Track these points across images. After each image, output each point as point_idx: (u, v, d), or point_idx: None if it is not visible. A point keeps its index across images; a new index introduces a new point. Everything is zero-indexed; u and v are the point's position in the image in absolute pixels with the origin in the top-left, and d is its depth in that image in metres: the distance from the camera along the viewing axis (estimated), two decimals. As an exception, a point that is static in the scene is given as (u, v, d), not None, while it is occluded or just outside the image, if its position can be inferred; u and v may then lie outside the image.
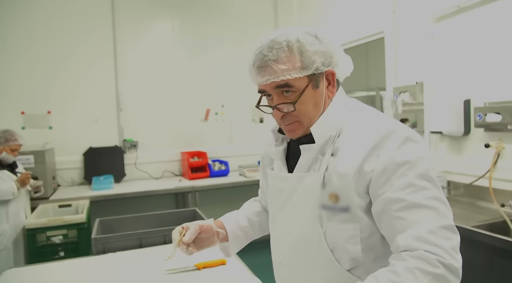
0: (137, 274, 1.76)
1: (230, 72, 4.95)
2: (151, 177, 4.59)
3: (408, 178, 0.91)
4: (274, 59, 0.98)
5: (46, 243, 3.07)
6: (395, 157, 0.93)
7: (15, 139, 3.06)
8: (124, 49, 4.51)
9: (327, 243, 1.01)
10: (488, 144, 2.47)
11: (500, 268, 1.96)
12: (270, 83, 1.01)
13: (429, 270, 0.82)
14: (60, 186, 4.22)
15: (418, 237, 0.86)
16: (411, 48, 3.14)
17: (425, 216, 0.88)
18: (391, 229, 0.93)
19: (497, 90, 2.47)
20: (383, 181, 0.93)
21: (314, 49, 1.00)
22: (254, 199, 1.48)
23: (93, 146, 4.37)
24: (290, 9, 4.98)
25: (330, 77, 1.05)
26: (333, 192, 0.99)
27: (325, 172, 1.01)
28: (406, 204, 0.90)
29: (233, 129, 5.05)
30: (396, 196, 0.91)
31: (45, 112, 4.23)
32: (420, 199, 0.89)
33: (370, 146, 0.95)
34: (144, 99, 4.60)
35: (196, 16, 4.83)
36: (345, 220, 0.98)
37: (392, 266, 0.87)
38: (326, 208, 1.01)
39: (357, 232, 0.98)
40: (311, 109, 1.03)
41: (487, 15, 2.51)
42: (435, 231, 0.86)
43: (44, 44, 4.18)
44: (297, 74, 0.98)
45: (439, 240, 0.85)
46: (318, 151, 1.04)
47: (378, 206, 0.94)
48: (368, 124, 1.01)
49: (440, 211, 0.89)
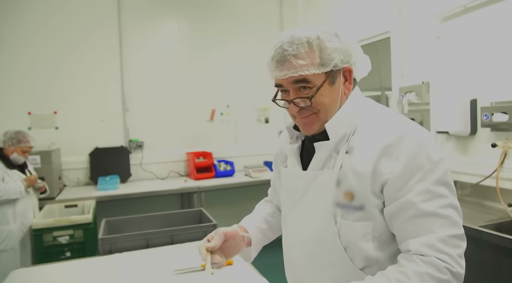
0: (144, 274, 1.76)
1: (236, 72, 4.96)
2: (156, 178, 4.61)
3: (425, 183, 0.93)
4: (293, 54, 1.00)
5: (53, 243, 3.08)
6: (414, 161, 0.94)
7: (27, 141, 3.09)
8: (130, 49, 4.53)
9: (340, 241, 1.02)
10: (495, 143, 2.46)
11: (508, 267, 1.94)
12: (288, 78, 1.02)
13: (437, 276, 0.88)
14: (66, 186, 4.24)
15: (429, 245, 0.90)
16: (417, 48, 3.13)
17: (437, 225, 0.92)
18: (403, 232, 0.96)
19: (504, 90, 2.46)
20: (400, 185, 0.94)
21: (334, 46, 1.01)
22: (266, 200, 1.48)
23: (99, 146, 4.39)
24: (295, 8, 4.97)
25: (347, 74, 1.06)
26: (348, 190, 1.00)
27: (340, 170, 1.02)
28: (421, 212, 0.93)
29: (239, 130, 5.05)
30: (412, 202, 0.93)
31: (51, 112, 4.25)
32: (434, 208, 0.92)
33: (387, 146, 0.96)
34: (149, 99, 4.62)
35: (201, 15, 4.84)
36: (359, 218, 1.00)
37: (402, 267, 0.92)
38: (341, 206, 1.01)
39: (370, 230, 1.00)
40: (327, 103, 1.04)
41: (493, 15, 2.49)
42: (445, 239, 0.91)
43: (49, 44, 4.20)
44: (316, 70, 1.00)
45: (448, 249, 0.90)
46: (332, 149, 1.05)
47: (393, 208, 0.96)
48: (384, 124, 1.01)
49: (452, 220, 0.93)
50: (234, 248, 1.21)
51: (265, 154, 5.05)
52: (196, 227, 2.24)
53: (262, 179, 4.37)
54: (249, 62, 5.01)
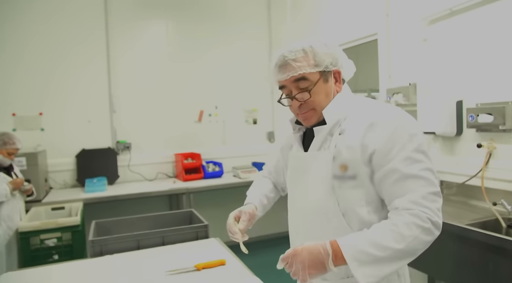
0: (136, 276, 1.75)
1: (224, 73, 4.97)
2: (144, 179, 4.58)
3: (406, 151, 1.17)
4: (292, 59, 1.24)
5: (40, 246, 3.04)
6: (395, 134, 1.17)
7: (13, 143, 3.03)
8: (117, 50, 4.49)
9: (339, 208, 1.25)
10: (480, 144, 2.51)
11: (493, 264, 1.99)
12: (290, 78, 1.26)
13: (421, 224, 1.11)
14: (52, 189, 4.18)
15: (413, 201, 1.14)
16: (404, 50, 3.18)
17: (419, 185, 1.15)
18: (390, 194, 1.19)
19: (489, 91, 2.52)
20: (385, 154, 1.18)
21: (324, 51, 1.27)
22: (264, 176, 1.75)
23: (85, 148, 4.34)
24: (283, 10, 5.01)
25: (337, 75, 1.32)
26: (342, 163, 1.23)
27: (334, 148, 1.25)
28: (404, 175, 1.16)
29: (227, 131, 5.05)
30: (396, 167, 1.16)
31: (36, 113, 4.19)
32: (415, 171, 1.16)
33: (371, 123, 1.20)
34: (137, 100, 4.59)
35: (189, 17, 4.83)
36: (353, 186, 1.23)
37: (392, 220, 1.15)
38: (337, 178, 1.25)
39: (363, 196, 1.23)
40: (323, 98, 1.29)
41: (479, 18, 2.55)
42: (426, 196, 1.14)
43: (35, 45, 4.14)
44: (311, 69, 1.25)
45: (429, 203, 1.14)
46: (328, 133, 1.29)
47: (380, 174, 1.19)
48: (369, 108, 1.27)
49: (430, 180, 1.16)
50: (249, 226, 1.51)
51: (253, 155, 5.07)
52: (187, 227, 2.23)
53: (251, 180, 4.33)
54: (237, 63, 5.02)
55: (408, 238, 1.10)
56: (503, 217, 2.27)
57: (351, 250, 1.11)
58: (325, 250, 1.12)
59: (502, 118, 2.38)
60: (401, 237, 1.10)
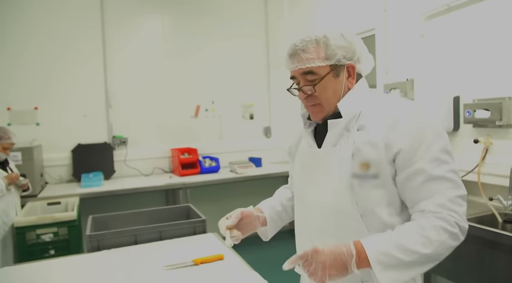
0: (135, 270, 1.75)
1: (221, 69, 4.96)
2: (141, 174, 4.57)
3: (433, 152, 1.10)
4: (302, 49, 1.18)
5: (36, 241, 3.02)
6: (421, 133, 1.11)
7: (8, 137, 3.01)
8: (114, 45, 4.46)
9: (358, 209, 1.16)
10: (477, 139, 2.52)
11: (489, 258, 2.01)
12: (298, 69, 1.20)
13: (449, 229, 1.05)
14: (48, 184, 4.17)
15: (441, 204, 1.08)
16: (401, 45, 3.18)
17: (446, 187, 1.09)
18: (415, 196, 1.11)
19: (486, 87, 2.53)
20: (411, 154, 1.10)
21: (338, 44, 1.18)
22: (285, 187, 1.62)
23: (81, 142, 4.32)
24: (280, 5, 4.99)
25: (350, 70, 1.22)
26: (364, 161, 1.14)
27: (353, 145, 1.16)
28: (432, 176, 1.09)
29: (223, 126, 5.05)
30: (423, 168, 1.09)
31: (32, 108, 4.16)
32: (443, 172, 1.09)
33: (394, 120, 1.12)
34: (133, 95, 4.57)
35: (186, 12, 4.80)
36: (374, 186, 1.14)
37: (418, 222, 1.08)
38: (357, 177, 1.15)
39: (384, 197, 1.15)
40: (330, 94, 1.21)
41: (476, 13, 2.56)
42: (453, 199, 1.08)
43: (31, 40, 4.11)
44: (321, 63, 1.17)
45: (456, 207, 1.08)
46: (343, 127, 1.20)
47: (405, 175, 1.12)
48: (391, 104, 1.19)
49: (457, 183, 1.11)
50: (249, 226, 1.40)
51: (250, 150, 5.07)
52: (185, 222, 2.23)
53: (248, 175, 4.39)
54: (234, 58, 5.01)
55: (436, 243, 1.04)
56: (499, 212, 2.29)
57: (376, 252, 1.04)
58: (348, 251, 1.05)
59: (498, 114, 2.39)
60: (429, 241, 1.04)
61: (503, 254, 1.94)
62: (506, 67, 2.40)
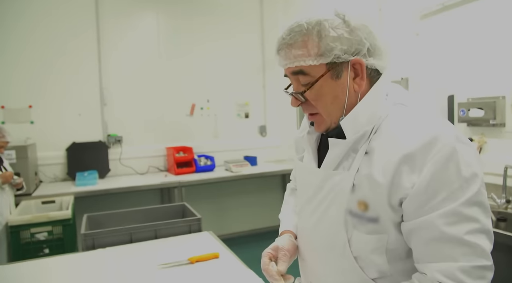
0: (130, 269, 1.75)
1: (216, 67, 4.95)
2: (136, 173, 4.55)
3: (453, 203, 0.80)
4: (289, 44, 0.91)
5: (30, 240, 3.00)
6: (441, 174, 0.80)
7: (3, 136, 2.98)
8: (109, 43, 4.44)
9: (351, 251, 0.93)
10: (471, 138, 2.54)
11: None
12: (287, 68, 0.94)
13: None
14: (42, 182, 4.14)
15: (448, 274, 0.80)
16: (396, 44, 3.19)
17: (461, 253, 0.80)
18: (420, 254, 0.85)
19: (480, 86, 2.54)
20: (423, 202, 0.82)
21: (336, 34, 0.89)
22: (292, 189, 1.35)
23: (76, 141, 4.30)
24: (275, 4, 4.99)
25: (357, 68, 0.91)
26: (362, 199, 0.89)
27: (356, 173, 0.90)
28: (444, 236, 0.80)
29: (219, 124, 5.04)
30: (435, 223, 0.81)
31: (26, 106, 4.13)
32: (461, 234, 0.79)
33: (411, 153, 0.82)
34: (128, 93, 4.55)
35: (181, 11, 4.79)
36: (372, 231, 0.90)
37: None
38: (353, 215, 0.91)
39: (384, 243, 0.89)
40: (329, 102, 0.92)
41: (470, 13, 2.57)
42: (468, 270, 0.79)
43: (24, 38, 4.08)
44: (313, 61, 0.89)
45: (470, 280, 0.79)
46: (349, 148, 0.93)
47: (412, 226, 0.84)
48: (411, 125, 0.87)
49: (480, 248, 0.80)
50: (293, 256, 1.11)
51: (245, 149, 5.07)
52: (180, 221, 2.23)
53: (243, 173, 4.38)
54: (229, 57, 5.00)
55: None
56: (493, 210, 2.30)
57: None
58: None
59: (492, 113, 2.40)
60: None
61: (496, 252, 1.94)
62: (500, 66, 2.42)
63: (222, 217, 4.81)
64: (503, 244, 1.91)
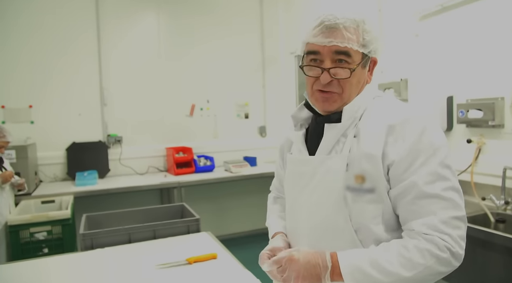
0: (127, 269, 1.75)
1: (215, 67, 4.95)
2: (135, 173, 4.56)
3: (430, 166, 0.98)
4: (344, 25, 1.02)
5: (30, 239, 3.01)
6: (418, 144, 0.98)
7: (3, 136, 2.97)
8: (109, 43, 4.45)
9: (352, 224, 1.04)
10: (470, 139, 2.54)
11: (481, 257, 2.02)
12: (331, 46, 1.03)
13: (436, 253, 0.94)
14: (42, 182, 4.15)
15: (431, 226, 0.96)
16: (396, 45, 3.19)
17: (440, 207, 0.97)
18: (407, 213, 1.01)
19: (479, 87, 2.54)
20: (405, 167, 0.98)
21: (374, 34, 1.07)
22: (275, 198, 1.46)
23: (76, 141, 4.30)
24: (275, 4, 4.99)
25: (371, 65, 1.12)
26: (359, 173, 1.02)
27: (349, 154, 1.04)
28: (424, 194, 0.97)
29: (218, 125, 5.04)
30: (416, 184, 0.97)
31: (26, 106, 4.14)
32: (438, 190, 0.97)
33: (392, 125, 1.00)
34: (128, 93, 4.56)
35: (181, 11, 4.79)
36: (370, 201, 1.02)
37: (404, 241, 0.98)
38: (352, 190, 1.04)
39: (380, 213, 1.03)
40: (354, 85, 1.07)
41: (470, 14, 2.57)
42: (447, 221, 0.96)
43: (25, 37, 4.08)
44: (358, 47, 1.03)
45: (450, 230, 0.96)
46: (341, 133, 1.07)
47: (398, 190, 1.00)
48: (390, 108, 1.06)
49: (454, 202, 0.98)
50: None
51: (245, 149, 5.07)
52: (179, 221, 2.23)
53: (242, 174, 4.39)
54: (229, 57, 5.01)
55: (419, 267, 0.94)
56: (492, 212, 2.30)
57: (350, 269, 0.97)
58: (324, 263, 1.00)
59: (491, 114, 2.40)
60: (411, 264, 0.94)
61: (495, 254, 1.96)
62: (499, 67, 2.41)
63: (221, 218, 4.82)
64: (502, 246, 1.91)
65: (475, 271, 2.05)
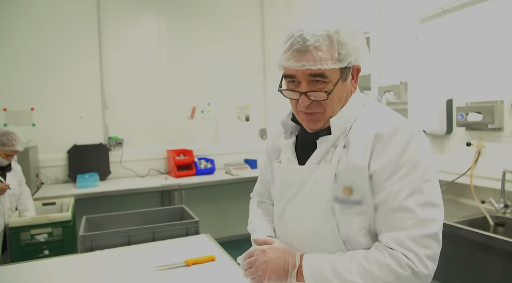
0: (126, 271, 1.76)
1: (216, 70, 4.96)
2: (136, 175, 4.57)
3: (408, 179, 0.96)
4: (315, 46, 0.97)
5: (30, 241, 3.02)
6: (401, 155, 0.96)
7: (12, 145, 2.92)
8: (110, 46, 4.47)
9: (339, 235, 1.03)
10: (469, 142, 2.54)
11: (480, 261, 2.03)
12: (304, 70, 0.99)
13: (396, 270, 0.93)
14: (43, 184, 4.16)
15: (399, 241, 0.94)
16: (395, 48, 3.20)
17: (412, 224, 0.94)
18: (380, 224, 1.00)
19: (478, 90, 2.54)
20: (385, 177, 0.97)
21: (351, 43, 1.00)
22: (259, 202, 1.43)
23: (77, 143, 4.31)
24: (276, 7, 5.01)
25: (355, 73, 1.07)
26: (347, 185, 1.01)
27: (337, 164, 1.03)
28: (398, 207, 0.96)
29: (219, 127, 5.05)
30: (392, 196, 0.96)
31: (28, 108, 4.16)
32: (413, 204, 0.95)
33: (379, 134, 0.99)
34: (129, 96, 4.57)
35: (182, 14, 4.81)
36: (357, 213, 1.01)
37: (368, 253, 0.98)
38: (339, 201, 1.03)
39: (367, 224, 1.02)
40: (336, 101, 1.04)
41: (469, 17, 2.58)
42: (416, 239, 0.93)
43: (26, 40, 4.11)
44: (333, 65, 0.98)
45: (417, 248, 0.93)
46: (331, 144, 1.06)
47: (376, 200, 1.00)
48: (377, 118, 1.04)
49: (428, 219, 0.95)
50: None
51: (245, 152, 5.07)
52: (178, 224, 2.24)
53: (243, 177, 4.39)
54: (229, 60, 5.02)
55: (378, 280, 0.93)
56: (491, 215, 2.30)
57: (312, 271, 1.00)
58: (292, 262, 1.03)
59: (491, 117, 2.41)
60: (370, 276, 0.94)
61: (494, 257, 1.96)
62: (498, 70, 2.42)
63: (222, 220, 4.82)
64: (502, 250, 1.91)
65: (474, 274, 2.05)
